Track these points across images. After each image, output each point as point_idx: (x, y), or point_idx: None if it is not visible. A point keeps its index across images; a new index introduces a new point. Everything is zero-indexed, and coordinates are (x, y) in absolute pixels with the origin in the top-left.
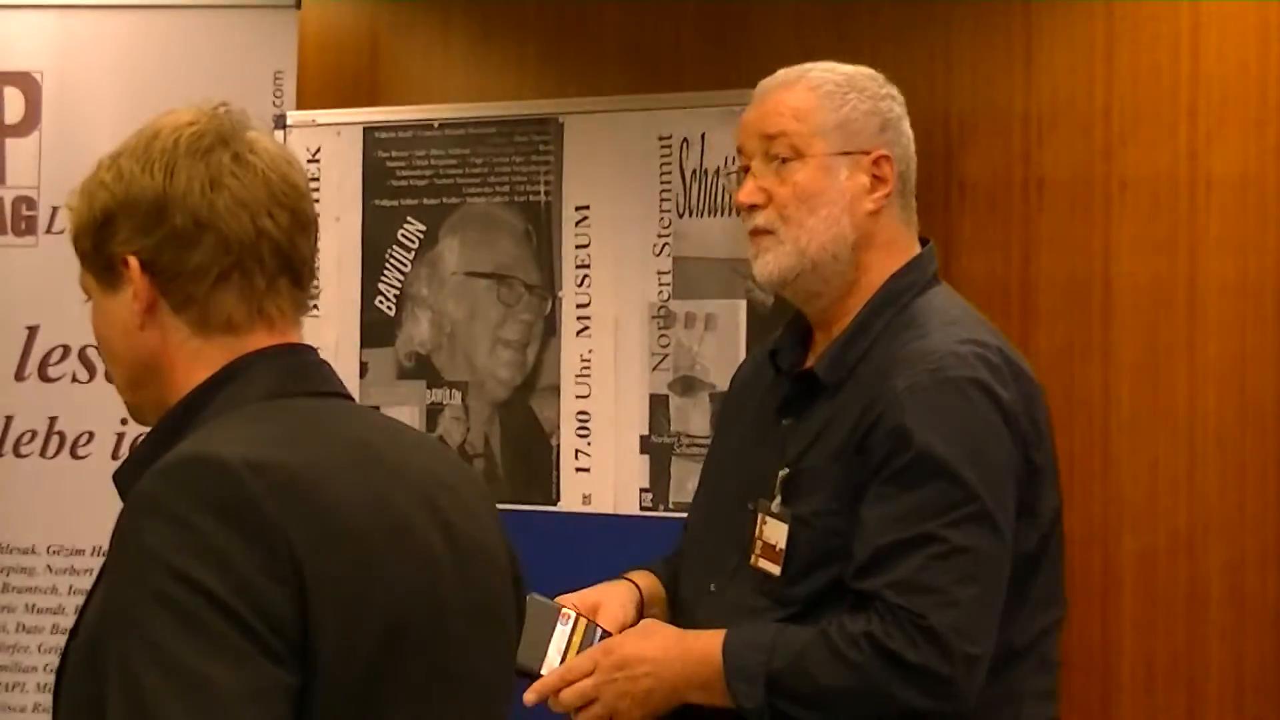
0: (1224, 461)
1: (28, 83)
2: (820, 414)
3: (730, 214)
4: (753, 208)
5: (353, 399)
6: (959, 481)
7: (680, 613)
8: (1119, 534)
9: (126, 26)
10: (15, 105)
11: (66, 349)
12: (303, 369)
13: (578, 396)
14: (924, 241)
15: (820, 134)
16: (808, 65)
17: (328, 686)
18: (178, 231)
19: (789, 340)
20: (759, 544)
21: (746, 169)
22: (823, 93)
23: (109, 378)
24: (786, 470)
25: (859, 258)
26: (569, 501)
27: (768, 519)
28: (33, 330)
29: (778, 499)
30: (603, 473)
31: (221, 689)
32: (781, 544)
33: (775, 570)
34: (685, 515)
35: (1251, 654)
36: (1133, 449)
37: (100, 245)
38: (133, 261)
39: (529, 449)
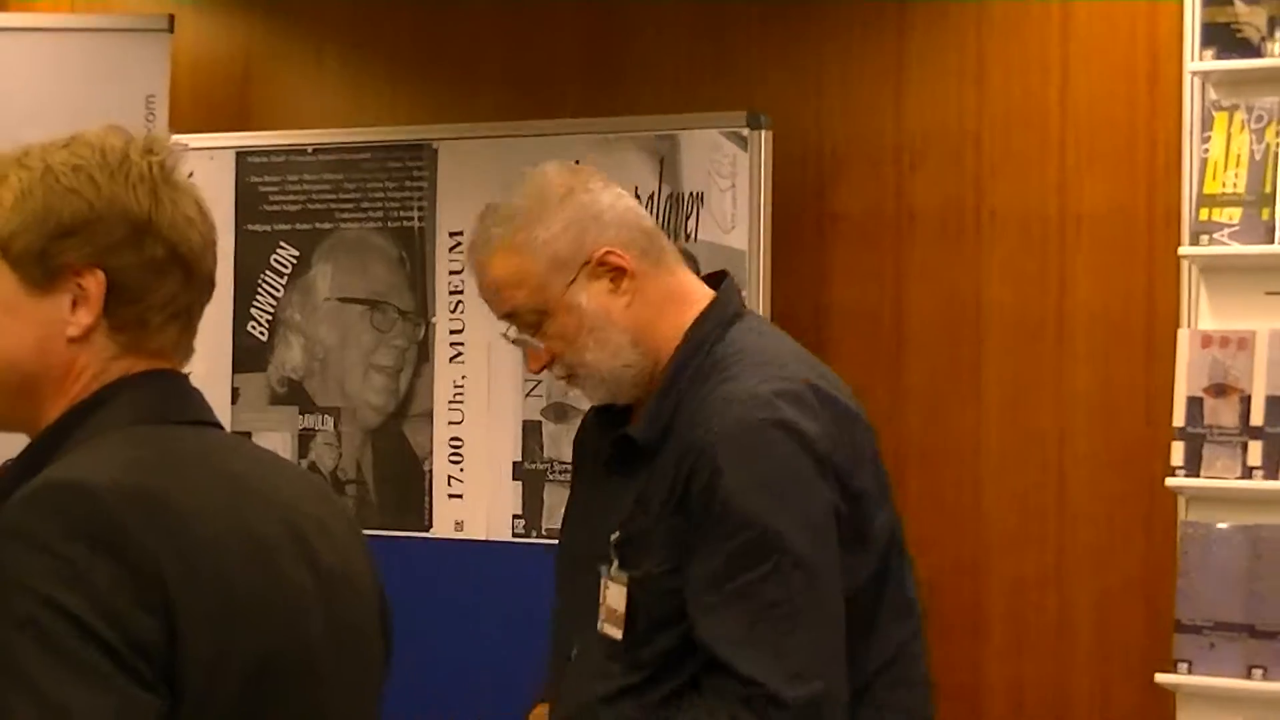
0: (1093, 491)
1: None
2: (644, 473)
3: None
4: (543, 369)
5: (222, 427)
6: (768, 533)
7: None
8: (989, 564)
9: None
10: None
11: None
12: (175, 395)
13: (450, 423)
14: (721, 276)
15: (542, 284)
16: (488, 219)
17: (195, 713)
18: (154, 259)
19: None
20: (604, 608)
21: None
22: (516, 246)
23: None
24: (618, 533)
25: (644, 342)
26: (441, 528)
27: (609, 583)
28: None
29: (615, 563)
30: (475, 499)
31: (85, 714)
32: (621, 608)
33: (618, 635)
34: (557, 542)
35: (1119, 683)
36: (1002, 478)
37: (51, 250)
38: (99, 276)
39: (401, 475)
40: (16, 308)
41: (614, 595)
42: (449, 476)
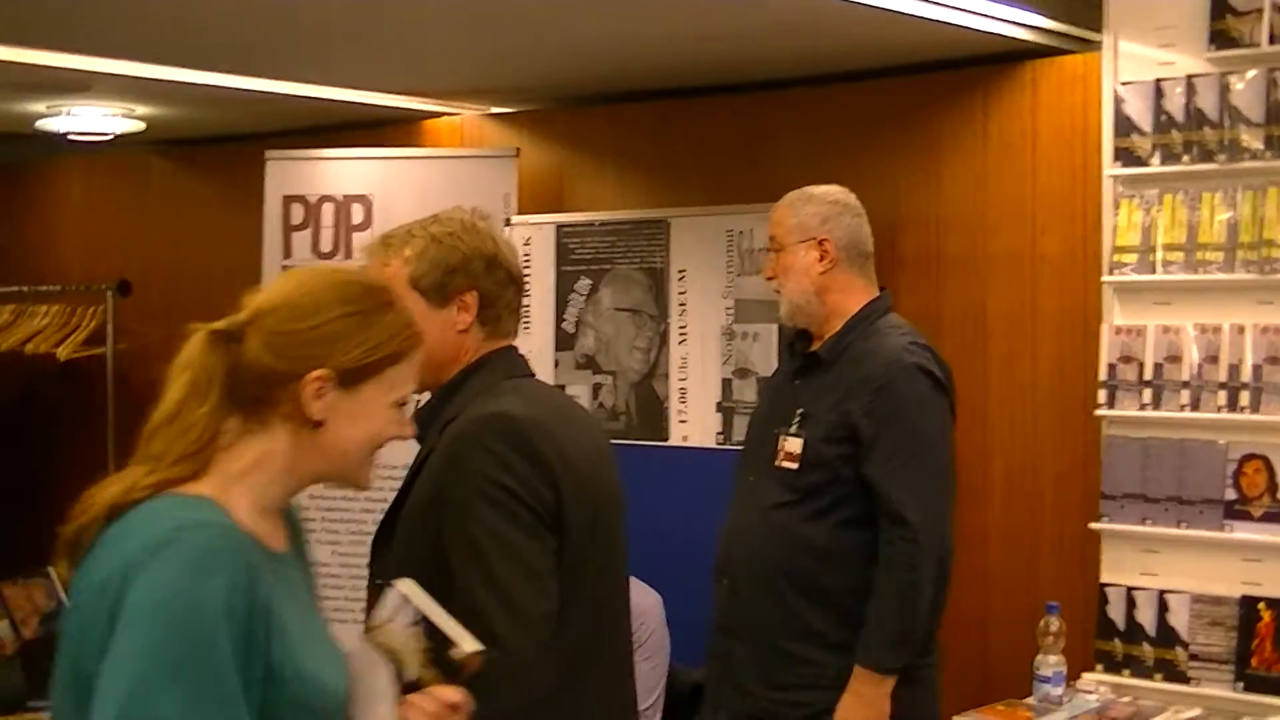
0: (1059, 418)
1: (365, 200)
2: (818, 380)
3: (757, 274)
4: (770, 278)
5: (536, 378)
6: (917, 430)
7: (734, 495)
8: (992, 463)
9: (421, 166)
10: (358, 213)
11: None
12: (519, 362)
13: (679, 379)
14: (883, 289)
15: (788, 232)
16: (794, 192)
17: (565, 548)
18: (500, 279)
19: (800, 338)
20: (781, 453)
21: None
22: (794, 207)
23: None
24: (802, 410)
25: (820, 296)
26: (673, 439)
27: (788, 438)
28: None
29: (795, 425)
30: (694, 423)
31: (522, 546)
32: (798, 451)
33: (794, 467)
34: (742, 448)
35: (1071, 527)
36: (1001, 413)
37: (445, 281)
38: (475, 294)
39: (651, 409)
40: (426, 317)
41: (792, 444)
42: (678, 409)
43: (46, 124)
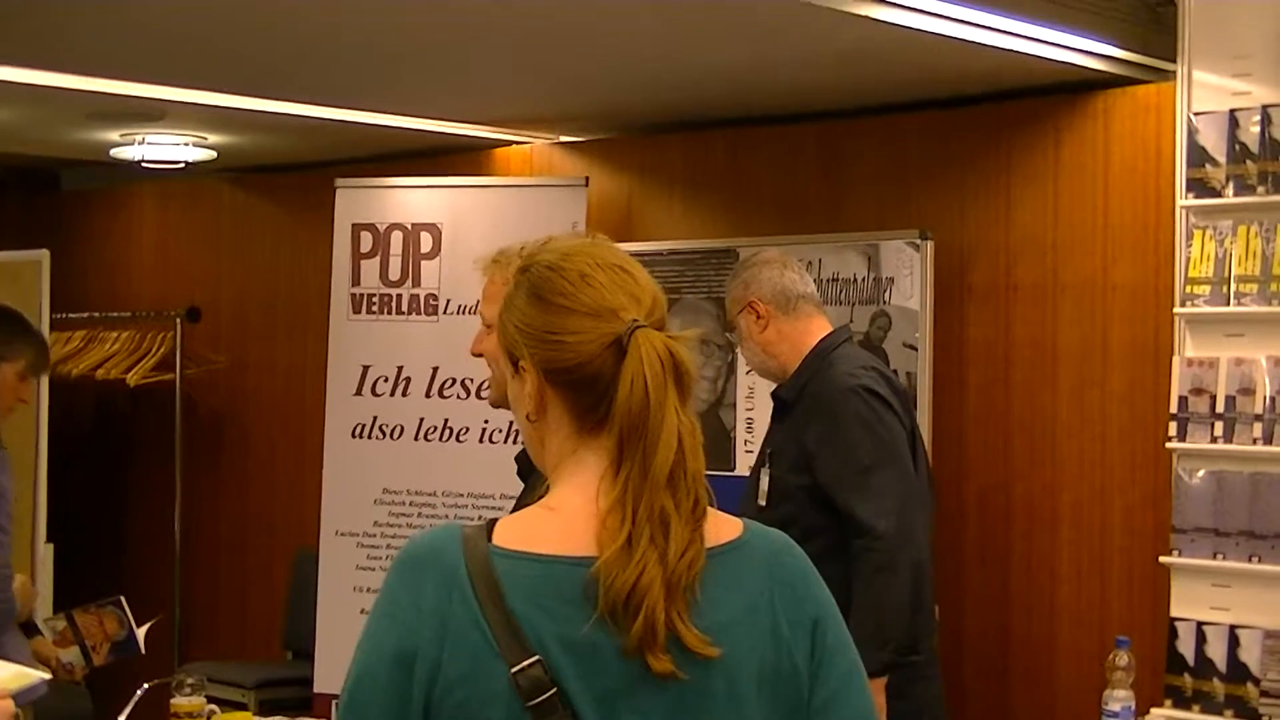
0: (1127, 449)
1: (434, 229)
2: (787, 420)
3: (828, 304)
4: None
5: None
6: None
7: None
8: (1062, 479)
9: (490, 195)
10: (427, 242)
11: (454, 379)
12: None
13: (746, 409)
14: (844, 330)
15: (729, 308)
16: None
17: None
18: None
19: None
20: (759, 491)
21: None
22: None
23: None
24: (770, 450)
25: (767, 351)
26: (740, 469)
27: (761, 477)
28: (435, 369)
29: (766, 464)
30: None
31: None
32: (766, 487)
33: (763, 503)
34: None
35: (1138, 558)
36: (1069, 443)
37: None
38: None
39: (719, 438)
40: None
41: (763, 482)
42: (745, 439)
43: (120, 152)
